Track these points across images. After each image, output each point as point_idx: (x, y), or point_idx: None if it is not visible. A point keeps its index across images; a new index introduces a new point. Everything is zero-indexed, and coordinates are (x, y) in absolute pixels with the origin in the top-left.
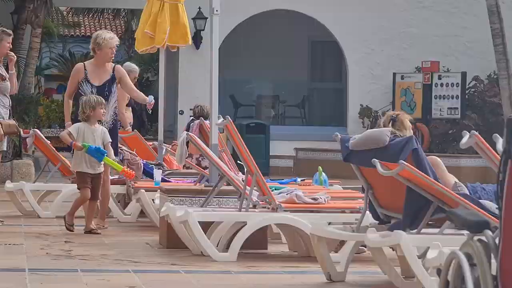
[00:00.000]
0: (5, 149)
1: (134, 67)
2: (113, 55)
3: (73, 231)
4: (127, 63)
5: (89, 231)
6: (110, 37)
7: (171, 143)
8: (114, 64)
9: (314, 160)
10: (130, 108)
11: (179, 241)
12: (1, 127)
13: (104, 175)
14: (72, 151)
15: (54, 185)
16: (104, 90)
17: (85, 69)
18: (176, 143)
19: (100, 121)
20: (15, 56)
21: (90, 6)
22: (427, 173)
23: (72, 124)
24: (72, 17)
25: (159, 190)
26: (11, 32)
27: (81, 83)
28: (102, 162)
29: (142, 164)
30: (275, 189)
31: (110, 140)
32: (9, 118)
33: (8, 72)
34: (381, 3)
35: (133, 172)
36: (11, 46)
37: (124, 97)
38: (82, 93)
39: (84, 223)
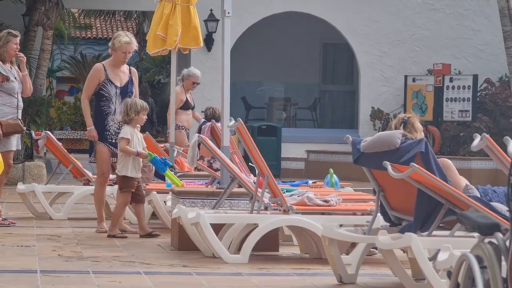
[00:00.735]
0: (14, 148)
1: (194, 72)
2: (126, 60)
3: (126, 237)
4: (190, 68)
5: (148, 234)
6: (125, 42)
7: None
8: (128, 65)
9: (325, 162)
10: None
11: (191, 243)
12: (1, 127)
13: None
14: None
15: (66, 187)
16: (127, 92)
17: (105, 70)
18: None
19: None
20: (25, 57)
21: (101, 8)
22: (435, 175)
23: (93, 128)
24: (83, 19)
25: (170, 192)
26: (17, 33)
27: (103, 84)
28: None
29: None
30: (286, 191)
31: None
32: (17, 118)
33: (20, 73)
34: (393, 6)
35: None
36: (19, 47)
37: (178, 99)
38: (107, 94)
39: (90, 224)
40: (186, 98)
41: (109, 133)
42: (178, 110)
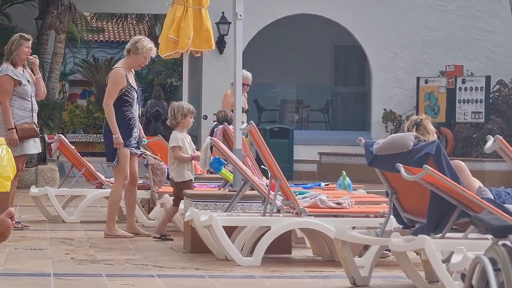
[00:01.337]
0: (29, 152)
1: (246, 74)
2: (144, 65)
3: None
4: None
5: (163, 236)
6: (150, 47)
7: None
8: None
9: (338, 165)
10: None
11: (204, 245)
12: (17, 131)
13: (114, 182)
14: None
15: (78, 190)
16: (140, 95)
17: (125, 74)
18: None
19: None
20: (37, 59)
21: (113, 12)
22: (448, 177)
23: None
24: (95, 22)
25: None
26: (29, 37)
27: (126, 89)
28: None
29: (166, 169)
30: (299, 194)
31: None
32: (32, 121)
33: (34, 76)
34: (404, 7)
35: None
36: (30, 51)
37: (228, 103)
38: (130, 99)
39: (103, 227)
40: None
41: (133, 139)
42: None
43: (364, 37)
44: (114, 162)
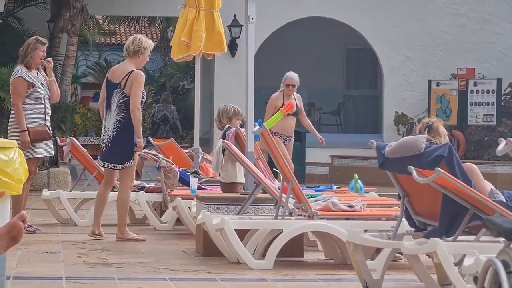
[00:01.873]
0: (41, 155)
1: (288, 75)
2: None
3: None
4: (287, 72)
5: None
6: (152, 44)
7: (207, 151)
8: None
9: (349, 167)
10: None
11: (216, 248)
12: (28, 134)
13: (120, 185)
14: (130, 162)
15: (90, 193)
16: None
17: None
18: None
19: (105, 127)
20: (52, 62)
21: (126, 14)
22: (460, 180)
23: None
24: (108, 25)
25: (195, 198)
26: (46, 41)
27: (143, 91)
28: None
29: (178, 172)
30: (311, 197)
31: None
32: (45, 124)
33: (47, 79)
34: (416, 10)
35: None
36: (45, 55)
37: (272, 105)
38: (143, 100)
39: (115, 231)
40: (283, 104)
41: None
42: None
43: (376, 40)
44: (127, 163)
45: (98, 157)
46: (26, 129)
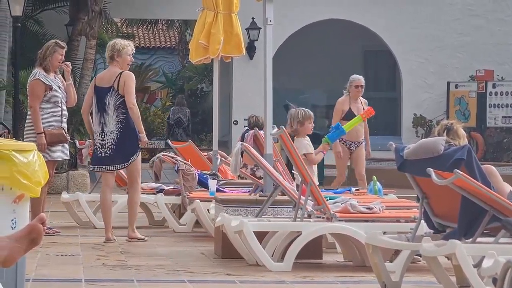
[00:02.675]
0: (57, 158)
1: (353, 76)
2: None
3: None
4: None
5: None
6: (127, 43)
7: (226, 153)
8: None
9: (368, 170)
10: None
11: (234, 251)
12: (45, 137)
13: (129, 187)
14: (134, 158)
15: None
16: None
17: None
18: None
19: (103, 132)
20: (70, 66)
21: (144, 17)
22: (479, 182)
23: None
24: (126, 28)
25: (214, 200)
26: (64, 44)
27: None
28: None
29: (197, 174)
30: (329, 199)
31: None
32: (61, 127)
33: (65, 82)
34: (434, 12)
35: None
36: (63, 59)
37: (339, 110)
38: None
39: (126, 233)
40: (350, 107)
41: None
42: (342, 121)
43: (394, 42)
44: (134, 157)
45: (91, 166)
46: (42, 131)
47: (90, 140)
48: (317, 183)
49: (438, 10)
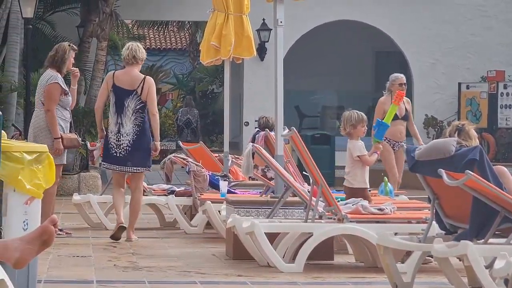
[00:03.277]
0: (65, 162)
1: (395, 75)
2: None
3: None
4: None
5: None
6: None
7: (236, 154)
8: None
9: (379, 171)
10: None
11: (246, 252)
12: (62, 141)
13: (135, 187)
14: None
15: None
16: None
17: None
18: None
19: (119, 132)
20: (79, 73)
21: (155, 19)
22: (491, 183)
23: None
24: (137, 30)
25: (225, 202)
26: (76, 48)
27: None
28: None
29: (208, 176)
30: (340, 200)
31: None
32: (70, 132)
33: (70, 87)
34: (445, 13)
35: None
36: (73, 61)
37: (380, 109)
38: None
39: (147, 234)
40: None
41: None
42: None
43: (405, 43)
44: (148, 168)
45: (104, 161)
46: (60, 136)
47: (101, 140)
48: (367, 185)
49: (449, 11)
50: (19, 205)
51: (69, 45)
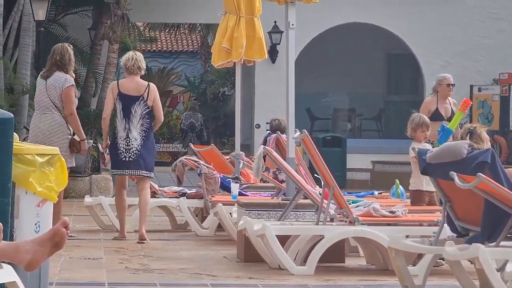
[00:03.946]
0: (74, 165)
1: (443, 75)
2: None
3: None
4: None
5: None
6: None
7: (248, 156)
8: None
9: (391, 173)
10: None
11: (257, 254)
12: (80, 144)
13: (141, 188)
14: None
15: (132, 199)
16: None
17: None
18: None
19: (128, 137)
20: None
21: (166, 21)
22: (503, 186)
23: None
24: (148, 32)
25: (236, 204)
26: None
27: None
28: None
29: (219, 178)
30: (352, 202)
31: None
32: (73, 135)
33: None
34: (456, 15)
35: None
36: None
37: (426, 109)
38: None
39: (158, 236)
40: (437, 108)
41: None
42: (445, 122)
43: (417, 45)
44: (150, 174)
45: (113, 169)
46: (85, 137)
47: (105, 150)
48: (420, 188)
49: (461, 13)
50: (31, 207)
51: (71, 48)
